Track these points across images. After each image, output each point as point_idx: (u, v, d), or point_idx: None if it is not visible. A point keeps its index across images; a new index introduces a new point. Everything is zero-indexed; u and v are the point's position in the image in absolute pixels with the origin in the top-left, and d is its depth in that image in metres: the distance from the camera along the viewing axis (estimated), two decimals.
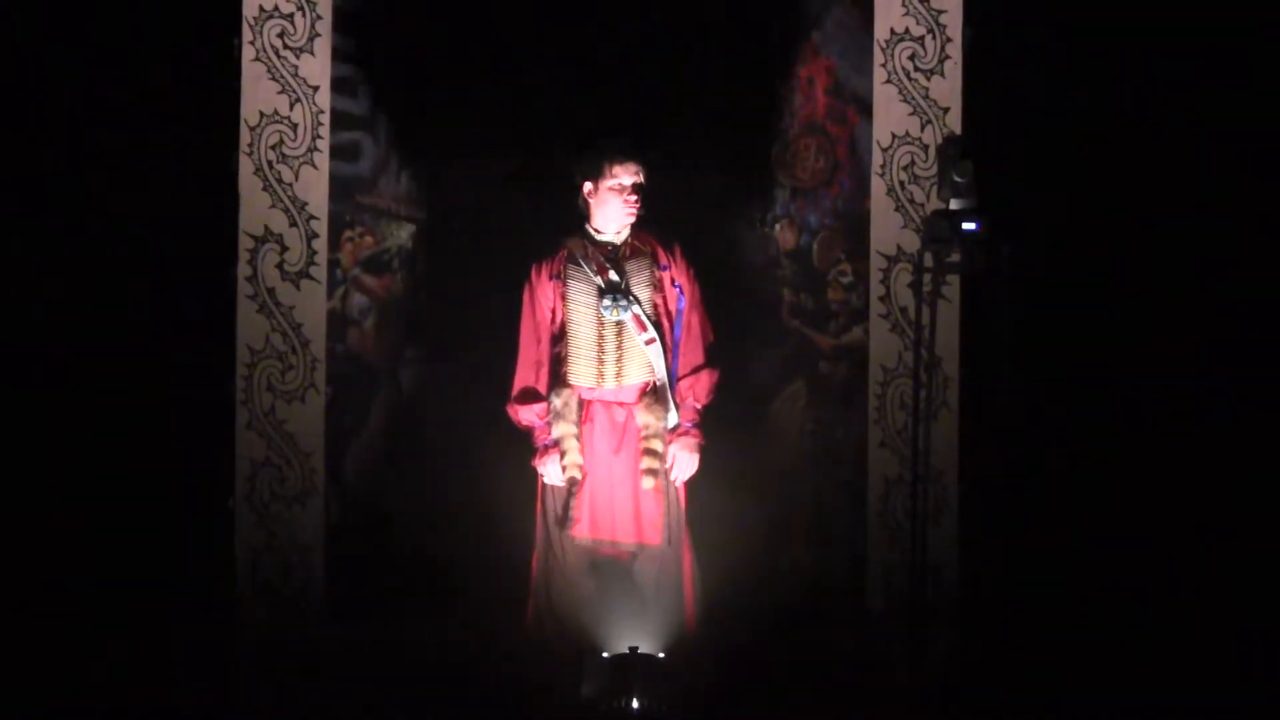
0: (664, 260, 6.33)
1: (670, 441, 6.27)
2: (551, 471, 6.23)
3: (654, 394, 6.28)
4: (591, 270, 6.27)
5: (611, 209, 6.27)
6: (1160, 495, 6.80)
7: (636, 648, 6.08)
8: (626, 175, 6.24)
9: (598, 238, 6.31)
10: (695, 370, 6.32)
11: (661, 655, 6.11)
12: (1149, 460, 6.82)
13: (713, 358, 6.35)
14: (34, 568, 6.64)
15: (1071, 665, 6.64)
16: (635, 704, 6.02)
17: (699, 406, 6.32)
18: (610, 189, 6.26)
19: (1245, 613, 6.72)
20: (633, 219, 6.27)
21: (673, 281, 6.33)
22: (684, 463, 6.30)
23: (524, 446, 6.36)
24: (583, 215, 6.32)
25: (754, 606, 6.67)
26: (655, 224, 6.35)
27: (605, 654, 6.12)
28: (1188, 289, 6.85)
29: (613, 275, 6.27)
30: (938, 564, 6.68)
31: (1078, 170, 6.85)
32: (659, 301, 6.30)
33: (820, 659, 6.79)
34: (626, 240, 6.33)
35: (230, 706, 6.44)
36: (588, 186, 6.27)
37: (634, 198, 6.24)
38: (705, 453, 6.30)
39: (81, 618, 6.60)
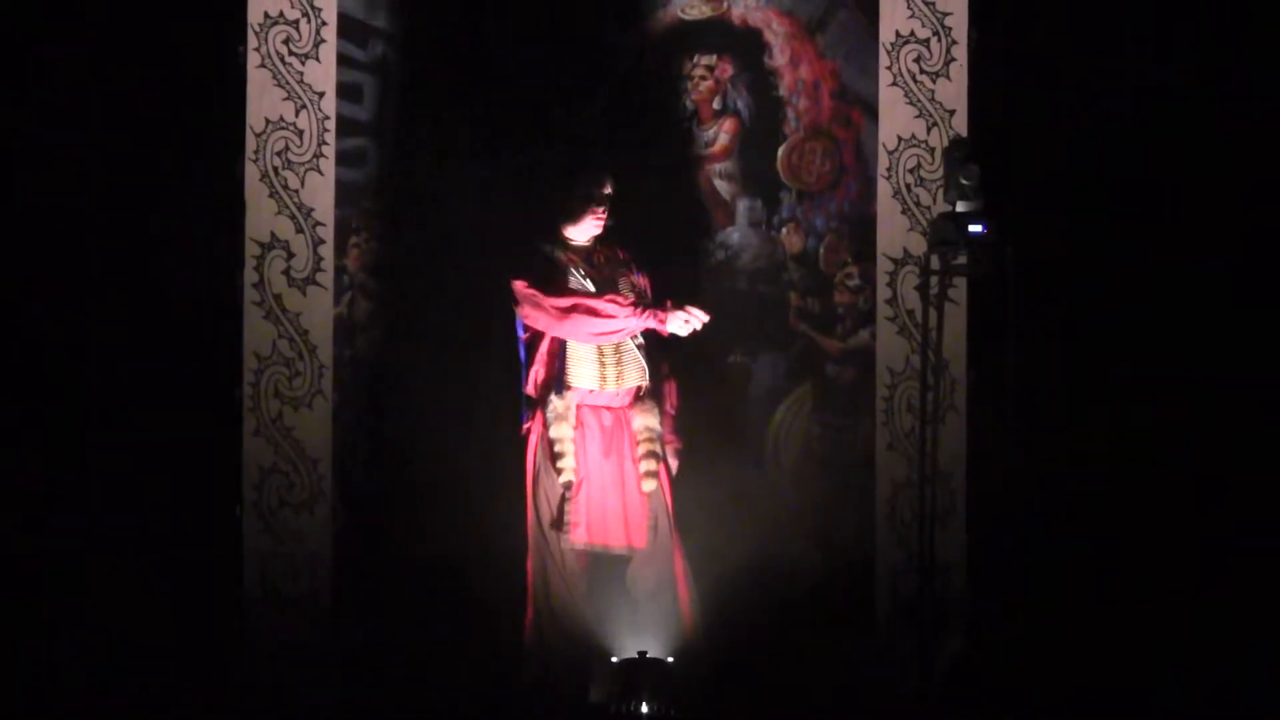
0: (635, 269, 6.38)
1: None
2: (675, 322, 6.19)
3: (649, 397, 6.33)
4: (580, 274, 6.31)
5: (582, 221, 6.32)
6: (1167, 498, 6.79)
7: (645, 652, 6.09)
8: (595, 188, 6.30)
9: (570, 244, 6.37)
10: (665, 377, 6.43)
11: (670, 659, 6.12)
12: (1155, 462, 6.81)
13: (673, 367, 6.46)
14: (40, 574, 6.63)
15: (1079, 669, 6.63)
16: (645, 708, 6.03)
17: (674, 414, 6.43)
18: (580, 201, 6.31)
19: (1256, 617, 6.70)
20: (599, 231, 6.34)
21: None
22: (674, 468, 6.42)
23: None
24: (554, 222, 6.35)
25: (761, 610, 6.67)
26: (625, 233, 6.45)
27: (614, 658, 6.13)
28: (1194, 291, 6.84)
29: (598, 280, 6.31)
30: (945, 566, 6.68)
31: (1084, 172, 6.84)
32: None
33: (827, 662, 6.78)
34: (597, 248, 6.38)
35: (238, 712, 6.44)
36: (560, 196, 6.33)
37: (601, 209, 6.30)
38: (716, 457, 6.34)
39: (88, 625, 6.59)
